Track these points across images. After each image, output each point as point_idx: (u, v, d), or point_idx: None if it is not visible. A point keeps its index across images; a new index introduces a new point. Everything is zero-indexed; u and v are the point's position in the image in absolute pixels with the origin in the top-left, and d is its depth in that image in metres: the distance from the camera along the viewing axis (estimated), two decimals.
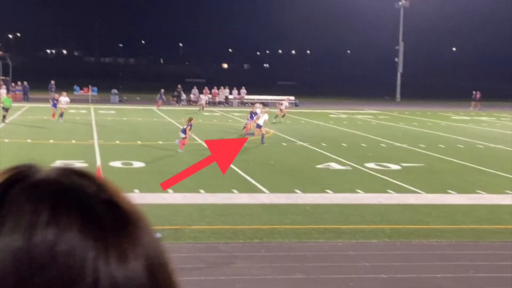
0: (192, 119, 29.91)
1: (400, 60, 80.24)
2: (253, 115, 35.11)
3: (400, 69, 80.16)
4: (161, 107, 54.11)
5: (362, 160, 26.58)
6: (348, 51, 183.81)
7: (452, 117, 53.13)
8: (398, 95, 79.25)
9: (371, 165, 25.35)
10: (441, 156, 28.64)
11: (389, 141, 33.89)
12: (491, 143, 34.14)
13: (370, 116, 51.88)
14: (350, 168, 24.66)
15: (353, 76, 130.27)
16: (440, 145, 32.63)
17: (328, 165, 25.20)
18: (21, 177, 0.82)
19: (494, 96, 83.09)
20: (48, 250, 0.76)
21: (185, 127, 28.70)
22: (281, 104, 47.22)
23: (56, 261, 0.76)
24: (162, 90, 56.59)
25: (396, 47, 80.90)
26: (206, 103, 55.35)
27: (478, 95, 65.74)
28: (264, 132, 32.36)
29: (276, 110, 47.87)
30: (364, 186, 20.72)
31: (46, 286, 0.75)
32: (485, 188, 20.99)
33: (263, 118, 33.64)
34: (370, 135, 36.44)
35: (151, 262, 0.81)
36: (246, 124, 36.01)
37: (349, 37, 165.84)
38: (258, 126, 33.15)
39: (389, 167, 24.94)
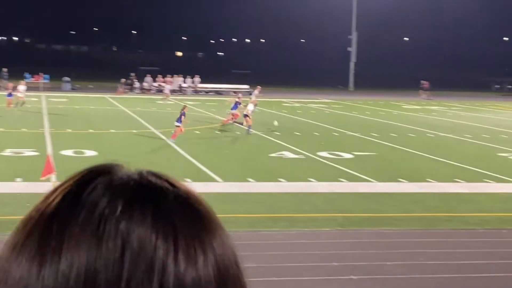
0: (186, 107, 29.93)
1: (353, 49, 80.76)
2: (237, 105, 34.75)
3: (353, 59, 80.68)
4: (117, 96, 53.84)
5: (315, 149, 26.75)
6: (302, 40, 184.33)
7: (403, 106, 53.72)
8: (351, 84, 79.83)
9: (324, 154, 25.54)
10: (392, 145, 28.98)
11: (342, 130, 34.15)
12: (441, 132, 34.65)
13: (324, 105, 52.18)
14: (303, 157, 24.81)
15: (307, 65, 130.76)
16: (392, 134, 33.00)
17: (281, 154, 25.31)
18: (103, 173, 0.85)
19: (445, 85, 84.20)
20: (119, 243, 0.77)
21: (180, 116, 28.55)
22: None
23: (125, 255, 0.76)
24: (123, 80, 56.34)
25: (349, 37, 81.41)
26: (169, 91, 55.00)
27: (426, 84, 66.49)
28: (250, 123, 32.00)
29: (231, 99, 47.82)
30: (317, 175, 20.88)
31: (113, 280, 0.76)
32: (435, 176, 21.31)
33: (250, 107, 33.19)
34: (323, 124, 36.68)
35: (222, 267, 0.81)
36: (231, 114, 35.45)
37: (303, 26, 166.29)
38: (245, 116, 32.76)
39: (341, 156, 25.15)
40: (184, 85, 62.79)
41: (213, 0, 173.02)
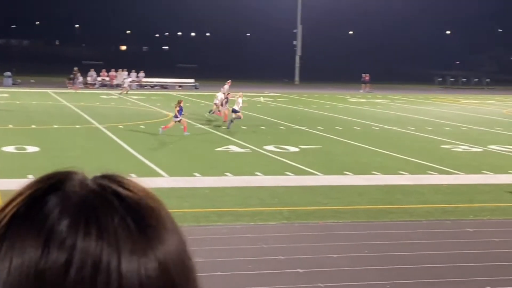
0: (181, 101, 29.69)
1: (298, 43, 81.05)
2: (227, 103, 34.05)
3: (298, 52, 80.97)
4: (73, 91, 53.37)
5: (261, 142, 26.76)
6: (248, 34, 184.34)
7: (349, 100, 54.13)
8: (297, 78, 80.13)
9: (270, 147, 25.56)
10: (338, 138, 29.16)
11: (288, 124, 34.24)
12: (386, 125, 35.00)
13: (270, 99, 52.24)
14: (250, 151, 24.79)
15: (253, 59, 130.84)
16: (337, 127, 33.21)
17: (228, 148, 25.26)
18: (54, 187, 0.87)
19: (390, 78, 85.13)
20: (64, 255, 0.81)
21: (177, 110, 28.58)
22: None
23: (70, 269, 0.80)
24: (78, 74, 55.86)
25: (295, 30, 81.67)
26: (130, 86, 54.28)
27: (367, 78, 67.13)
28: (235, 117, 31.92)
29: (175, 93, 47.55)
30: (263, 169, 20.88)
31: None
32: (379, 169, 21.50)
33: (239, 102, 32.83)
34: (270, 118, 36.72)
35: (168, 266, 0.85)
36: (217, 110, 34.93)
37: (249, 20, 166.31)
38: (234, 111, 32.37)
39: (287, 150, 25.21)
40: (128, 79, 62.20)
41: None
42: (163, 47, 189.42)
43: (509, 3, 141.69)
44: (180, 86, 63.71)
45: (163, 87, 62.69)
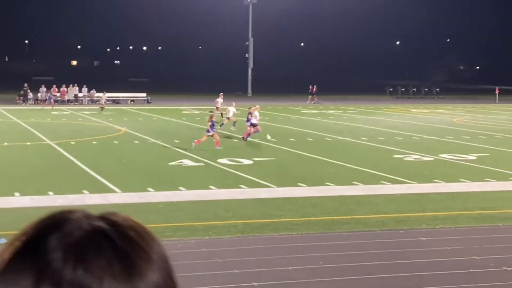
0: (213, 116, 30.48)
1: (250, 55, 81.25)
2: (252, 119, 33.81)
3: (250, 65, 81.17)
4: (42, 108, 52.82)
5: (214, 156, 26.70)
6: (200, 47, 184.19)
7: (302, 111, 54.39)
8: (249, 90, 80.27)
9: (224, 160, 25.51)
10: (291, 150, 29.24)
11: (241, 136, 34.21)
12: (339, 136, 35.23)
13: (223, 112, 52.15)
14: (203, 164, 24.70)
15: (205, 72, 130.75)
16: (290, 139, 33.31)
17: (181, 162, 25.14)
18: (57, 225, 1.01)
19: (341, 89, 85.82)
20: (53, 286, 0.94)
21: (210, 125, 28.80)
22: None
23: None
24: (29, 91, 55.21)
25: (246, 43, 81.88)
26: (105, 102, 53.45)
27: (314, 89, 67.53)
28: (254, 131, 32.71)
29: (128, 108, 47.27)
30: (217, 182, 20.81)
31: None
32: (333, 180, 21.60)
33: (256, 115, 33.58)
34: (223, 131, 36.66)
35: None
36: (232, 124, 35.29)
37: (201, 33, 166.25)
38: (253, 125, 33.01)
39: (241, 162, 25.19)
40: (80, 94, 61.63)
41: (109, 8, 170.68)
42: (115, 62, 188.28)
43: (457, 14, 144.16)
44: (132, 100, 63.34)
45: (115, 101, 62.22)
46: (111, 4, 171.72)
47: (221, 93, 47.28)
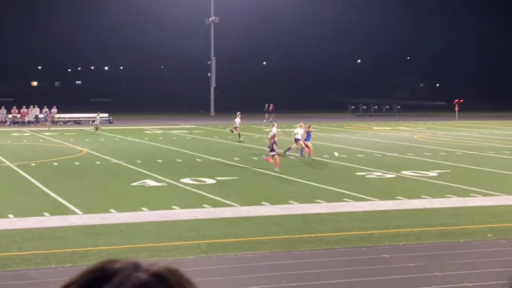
0: (310, 126, 33.78)
1: (212, 75, 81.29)
2: (310, 134, 34.40)
3: (213, 84, 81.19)
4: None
5: (178, 175, 26.58)
6: (162, 67, 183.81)
7: (264, 129, 54.46)
8: (212, 109, 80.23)
9: (187, 180, 25.41)
10: (254, 169, 29.23)
11: (204, 156, 34.16)
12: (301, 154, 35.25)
13: (185, 131, 52.13)
14: (166, 185, 24.57)
15: (168, 92, 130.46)
16: (253, 158, 33.31)
17: (144, 182, 24.97)
18: (107, 278, 1.12)
19: (303, 107, 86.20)
20: None
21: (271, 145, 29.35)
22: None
23: None
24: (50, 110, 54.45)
25: (209, 62, 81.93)
26: (99, 122, 52.47)
27: (271, 107, 67.64)
28: (299, 148, 33.81)
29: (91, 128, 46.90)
30: (180, 202, 20.70)
31: None
32: (296, 198, 21.62)
33: (297, 132, 34.08)
34: (186, 150, 36.58)
35: None
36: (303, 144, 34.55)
37: (163, 52, 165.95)
38: (296, 140, 33.85)
39: (204, 182, 25.11)
40: (41, 115, 61.00)
41: (69, 27, 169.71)
42: (76, 82, 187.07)
43: (417, 32, 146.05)
44: (93, 121, 62.81)
45: (77, 122, 61.72)
46: (72, 24, 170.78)
47: (239, 113, 47.38)
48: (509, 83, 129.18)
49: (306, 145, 33.71)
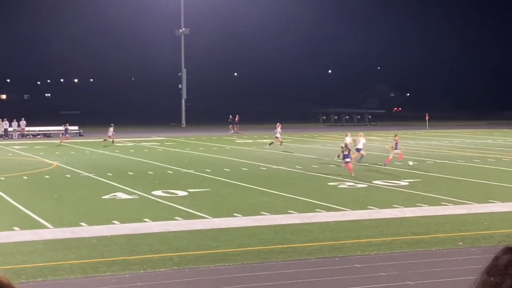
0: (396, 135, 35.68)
1: (183, 86, 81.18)
2: (398, 145, 35.61)
3: (184, 96, 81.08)
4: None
5: (149, 188, 26.45)
6: (133, 78, 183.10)
7: (236, 141, 54.47)
8: (183, 121, 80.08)
9: (158, 192, 25.29)
10: (226, 180, 29.18)
11: (176, 168, 34.04)
12: (273, 165, 35.34)
13: (156, 143, 51.93)
14: (137, 197, 24.43)
15: (138, 104, 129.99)
16: (225, 169, 33.27)
17: (115, 195, 24.80)
18: None
19: (274, 118, 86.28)
20: None
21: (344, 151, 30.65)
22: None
23: None
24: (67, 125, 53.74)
25: (179, 74, 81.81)
26: (113, 134, 51.49)
27: (236, 119, 67.58)
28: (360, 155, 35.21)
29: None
30: (151, 215, 20.59)
31: None
32: (269, 209, 21.61)
33: (360, 141, 35.49)
34: (157, 162, 36.42)
35: None
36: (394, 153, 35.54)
37: (133, 64, 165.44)
38: (358, 150, 35.11)
39: (176, 194, 25.01)
40: (9, 129, 60.42)
41: (39, 40, 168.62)
42: (46, 95, 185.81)
43: (387, 42, 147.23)
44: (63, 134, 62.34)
45: (46, 135, 61.23)
46: (40, 36, 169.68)
47: (278, 124, 47.69)
48: (479, 92, 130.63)
49: (396, 153, 35.23)
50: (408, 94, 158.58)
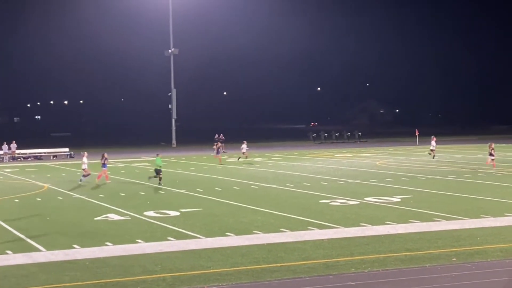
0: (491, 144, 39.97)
1: (173, 106, 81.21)
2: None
3: (174, 115, 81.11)
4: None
5: (141, 209, 26.41)
6: (122, 99, 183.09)
7: (227, 159, 54.46)
8: (174, 141, 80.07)
9: (151, 213, 25.26)
10: (218, 199, 29.17)
11: (167, 188, 34.00)
12: (265, 183, 35.37)
13: (148, 164, 51.84)
14: (129, 218, 24.39)
15: (129, 124, 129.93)
16: (217, 188, 33.26)
17: (107, 217, 24.75)
18: None
19: (265, 136, 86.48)
20: None
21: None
22: None
23: None
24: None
25: (169, 94, 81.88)
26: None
27: (221, 137, 67.42)
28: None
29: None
30: (144, 236, 20.56)
31: None
32: (261, 227, 21.61)
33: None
34: (148, 183, 36.36)
35: None
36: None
37: (123, 85, 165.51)
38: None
39: (168, 214, 24.98)
40: (0, 152, 60.26)
41: (27, 63, 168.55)
42: (36, 117, 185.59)
43: (376, 60, 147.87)
44: (54, 156, 62.33)
45: (37, 158, 61.11)
46: (30, 58, 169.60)
47: (244, 141, 50.67)
48: (469, 108, 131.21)
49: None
50: (397, 110, 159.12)
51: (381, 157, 54.22)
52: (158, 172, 35.85)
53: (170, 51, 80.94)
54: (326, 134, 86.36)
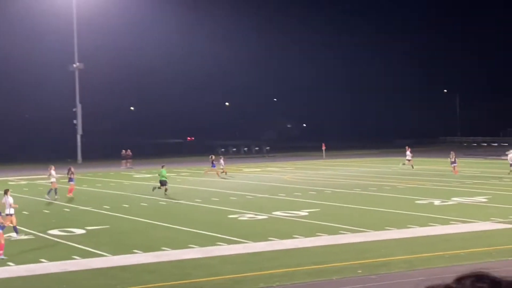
0: None
1: (79, 122, 79.75)
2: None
3: (79, 131, 79.65)
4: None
5: (45, 227, 25.75)
6: (27, 115, 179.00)
7: (134, 176, 53.83)
8: (79, 157, 78.59)
9: (55, 231, 24.66)
10: (125, 216, 28.75)
11: (73, 205, 33.31)
12: (173, 199, 35.09)
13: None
14: (33, 237, 23.73)
15: (33, 140, 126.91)
16: (124, 205, 32.78)
17: (9, 236, 23.97)
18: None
19: (173, 152, 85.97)
20: None
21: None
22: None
23: None
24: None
25: (74, 109, 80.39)
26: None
27: (129, 152, 66.70)
28: None
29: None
30: (48, 255, 20.03)
31: None
32: (169, 244, 21.39)
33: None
34: (53, 201, 35.51)
35: None
36: None
37: (25, 101, 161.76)
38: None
39: (73, 232, 24.44)
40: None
41: None
42: None
43: (282, 74, 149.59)
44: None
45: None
46: None
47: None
48: (373, 121, 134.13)
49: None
50: (304, 125, 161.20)
51: (289, 171, 54.67)
52: (163, 183, 36.05)
53: (75, 65, 79.57)
54: (234, 149, 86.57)
